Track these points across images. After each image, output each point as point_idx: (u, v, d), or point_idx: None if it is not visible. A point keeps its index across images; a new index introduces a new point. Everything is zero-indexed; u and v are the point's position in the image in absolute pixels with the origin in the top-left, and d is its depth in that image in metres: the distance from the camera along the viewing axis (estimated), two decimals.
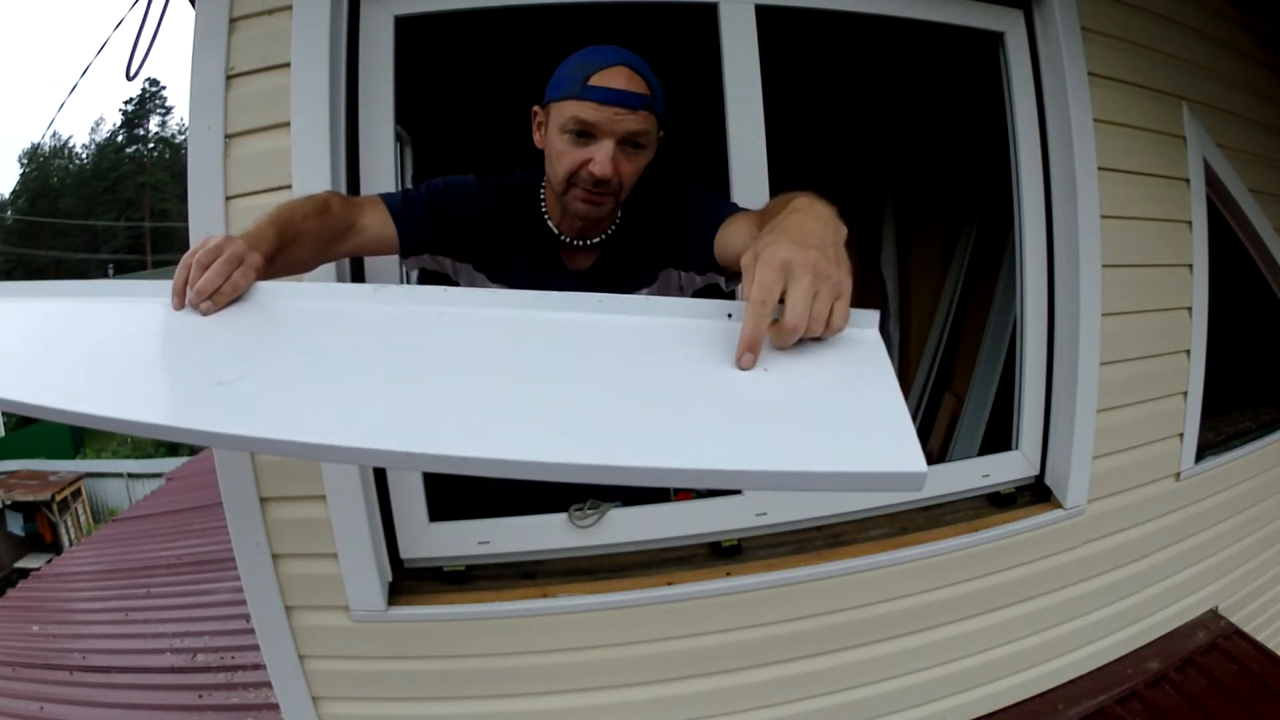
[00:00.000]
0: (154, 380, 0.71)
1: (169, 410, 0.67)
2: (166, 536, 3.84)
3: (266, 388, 0.68)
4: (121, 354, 0.75)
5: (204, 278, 0.75)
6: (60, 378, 0.73)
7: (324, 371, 0.70)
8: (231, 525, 1.25)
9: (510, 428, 0.61)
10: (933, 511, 1.53)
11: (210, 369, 0.70)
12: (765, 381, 0.65)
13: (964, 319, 2.90)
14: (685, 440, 0.60)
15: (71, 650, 2.56)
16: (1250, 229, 1.92)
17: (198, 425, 0.64)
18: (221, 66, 1.18)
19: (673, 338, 0.71)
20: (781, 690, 1.43)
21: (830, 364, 0.66)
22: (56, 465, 12.13)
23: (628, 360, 0.70)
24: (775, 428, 0.60)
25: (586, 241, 1.12)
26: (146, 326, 0.78)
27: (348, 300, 0.79)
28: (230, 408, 0.65)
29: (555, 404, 0.64)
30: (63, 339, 0.79)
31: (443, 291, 0.77)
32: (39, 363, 0.76)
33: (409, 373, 0.69)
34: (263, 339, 0.75)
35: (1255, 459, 1.96)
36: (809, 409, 0.62)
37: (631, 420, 0.62)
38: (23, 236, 32.72)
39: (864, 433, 0.60)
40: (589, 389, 0.66)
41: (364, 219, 1.03)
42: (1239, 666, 1.73)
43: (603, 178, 0.97)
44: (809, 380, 0.65)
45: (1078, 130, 1.45)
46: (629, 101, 0.95)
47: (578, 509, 1.35)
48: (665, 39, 1.32)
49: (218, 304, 0.76)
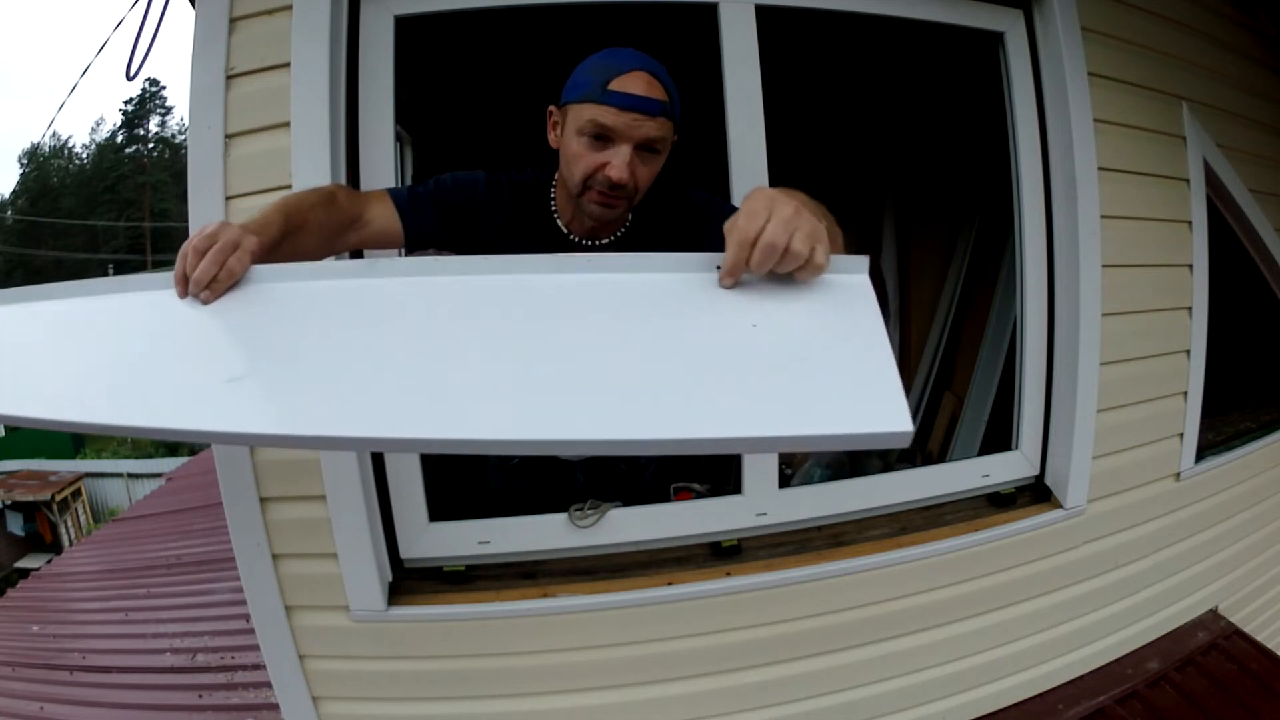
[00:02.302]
0: (166, 382, 0.71)
1: (186, 413, 0.67)
2: (166, 536, 3.84)
3: (277, 380, 0.68)
4: (128, 356, 0.75)
5: (200, 267, 0.75)
6: (72, 388, 0.73)
7: (330, 358, 0.70)
8: (231, 525, 1.25)
9: (516, 405, 0.62)
10: (933, 511, 1.53)
11: (218, 364, 0.70)
12: (758, 340, 0.65)
13: (964, 319, 2.90)
14: (680, 410, 0.60)
15: (71, 650, 2.56)
16: (1250, 229, 1.92)
17: (217, 426, 0.65)
18: (221, 66, 1.18)
19: (664, 293, 0.71)
20: (781, 690, 1.43)
21: (820, 316, 0.67)
22: (56, 465, 12.14)
23: (622, 323, 0.70)
24: (767, 392, 0.61)
25: (595, 242, 1.12)
26: (149, 323, 0.77)
27: (345, 277, 0.79)
28: (244, 404, 0.65)
29: (553, 378, 0.64)
30: (66, 345, 0.79)
31: (434, 262, 0.77)
32: (48, 373, 0.76)
33: (410, 351, 0.69)
34: (265, 326, 0.74)
35: (1255, 459, 1.96)
36: (800, 369, 0.62)
37: (631, 391, 0.62)
38: (23, 236, 32.71)
39: (852, 392, 0.60)
40: (582, 359, 0.66)
41: (370, 212, 1.04)
42: (1239, 666, 1.73)
43: (619, 182, 0.98)
44: (800, 336, 0.65)
45: (1078, 130, 1.45)
46: (648, 108, 0.96)
47: (578, 509, 1.35)
48: (665, 39, 1.32)
49: (215, 292, 0.77)
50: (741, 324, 0.66)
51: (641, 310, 0.70)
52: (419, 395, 0.64)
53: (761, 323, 0.66)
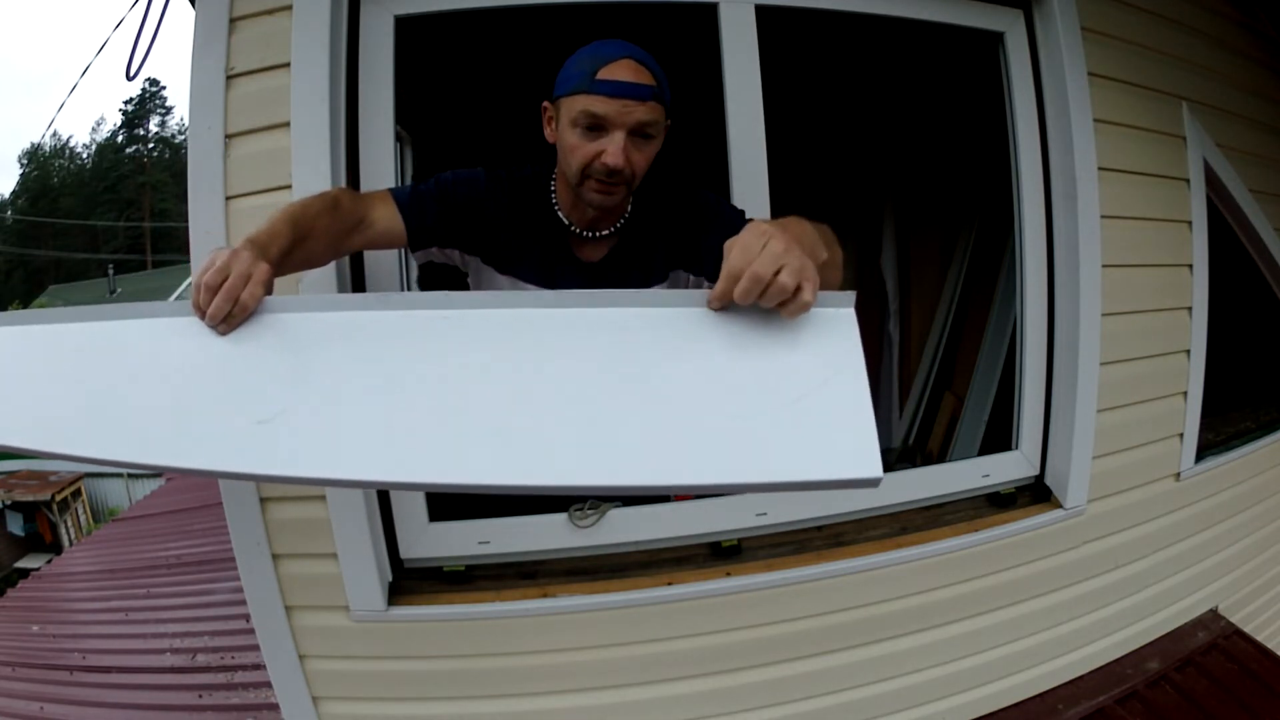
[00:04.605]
0: (196, 421, 0.74)
1: (225, 455, 0.71)
2: (166, 536, 3.84)
3: (308, 420, 0.72)
4: (152, 389, 0.76)
5: (214, 304, 0.77)
6: (101, 423, 0.74)
7: (353, 396, 0.74)
8: (231, 525, 1.25)
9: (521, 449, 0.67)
10: (933, 511, 1.53)
11: (246, 404, 0.73)
12: (741, 376, 0.69)
13: (964, 319, 2.90)
14: (661, 454, 0.65)
15: (71, 650, 2.56)
16: (1250, 229, 1.92)
17: (262, 470, 0.69)
18: (221, 66, 1.18)
19: (660, 329, 0.75)
20: (781, 690, 1.43)
21: (804, 350, 0.70)
22: (56, 465, 12.10)
23: (611, 358, 0.74)
24: (745, 435, 0.65)
25: (597, 233, 1.14)
26: (167, 354, 0.78)
27: (357, 309, 0.81)
28: (284, 446, 0.70)
29: (554, 418, 0.69)
30: (89, 374, 0.79)
31: (444, 296, 0.80)
32: (75, 403, 0.76)
33: (428, 390, 0.74)
34: (286, 362, 0.77)
35: (1255, 459, 1.96)
36: (778, 410, 0.67)
37: (626, 435, 0.67)
38: (23, 236, 32.73)
39: (828, 436, 0.64)
40: (574, 397, 0.70)
41: (374, 214, 1.06)
42: (1239, 666, 1.73)
43: (616, 168, 0.99)
44: (783, 372, 0.69)
45: (1078, 130, 1.45)
46: (637, 93, 0.98)
47: (578, 509, 1.35)
48: (665, 39, 1.32)
49: (231, 326, 0.78)
50: (727, 358, 0.70)
51: (632, 346, 0.74)
52: (423, 438, 0.70)
53: (746, 357, 0.70)
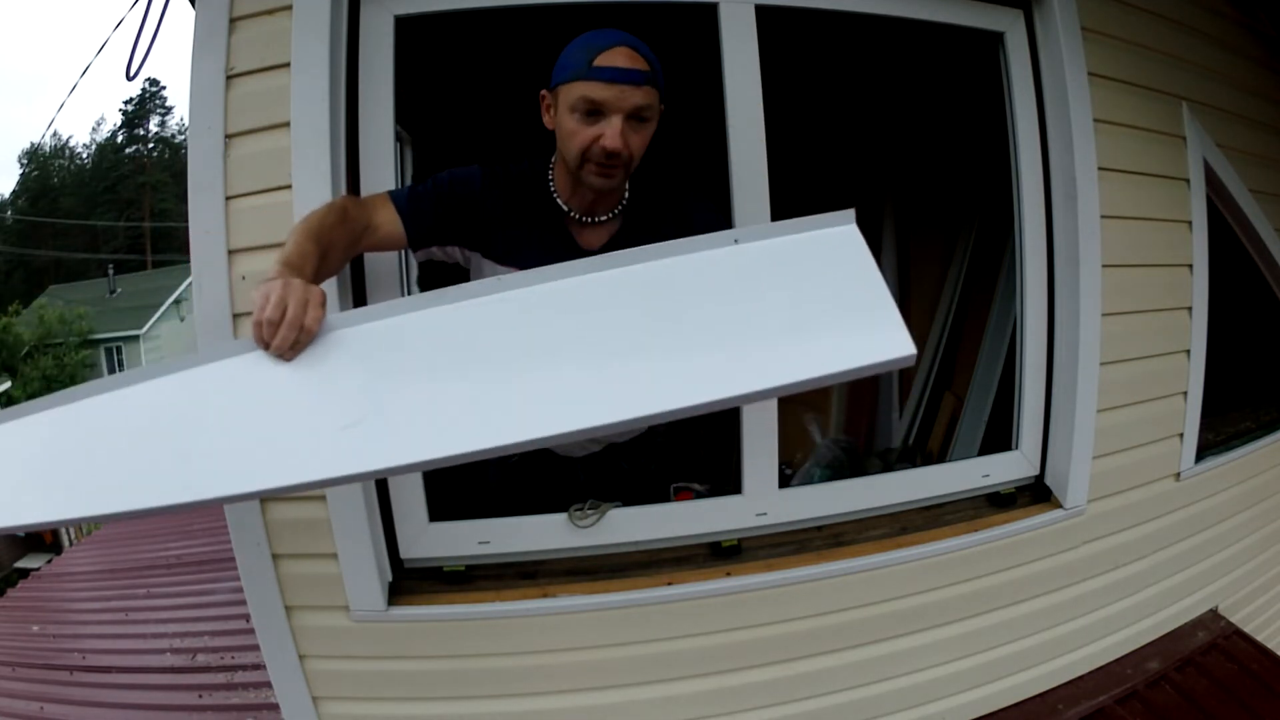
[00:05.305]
0: (292, 441, 0.77)
1: (334, 462, 0.75)
2: (166, 536, 3.83)
3: (391, 417, 0.77)
4: (238, 424, 0.79)
5: (280, 335, 0.80)
6: (199, 467, 0.76)
7: (433, 383, 0.80)
8: (231, 525, 1.25)
9: (607, 392, 0.75)
10: (933, 511, 1.53)
11: (328, 415, 0.78)
12: (776, 298, 0.78)
13: (964, 319, 2.89)
14: (729, 372, 0.73)
15: (71, 650, 2.56)
16: (1250, 229, 1.92)
17: (365, 468, 0.75)
18: (221, 66, 1.18)
19: (692, 273, 0.83)
20: (781, 690, 1.43)
21: (820, 265, 0.79)
22: None
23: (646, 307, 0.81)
24: (794, 343, 0.74)
25: (596, 218, 1.17)
26: (246, 391, 0.81)
27: (403, 311, 0.86)
28: (379, 442, 0.75)
29: (622, 364, 0.77)
30: (173, 427, 0.80)
31: (494, 282, 0.86)
32: (170, 454, 0.78)
33: (502, 363, 0.81)
34: (355, 371, 0.82)
35: (1255, 459, 1.96)
36: (808, 316, 0.76)
37: (694, 363, 0.75)
38: (23, 236, 32.69)
39: (863, 330, 0.73)
40: (642, 345, 0.78)
41: (376, 218, 1.09)
42: (1239, 666, 1.73)
43: (614, 150, 1.03)
44: (806, 287, 0.78)
45: (1078, 130, 1.45)
46: (633, 78, 1.02)
47: (578, 509, 1.35)
48: (665, 39, 1.32)
49: (297, 352, 0.82)
50: (756, 285, 0.78)
51: (661, 292, 0.81)
52: (512, 405, 0.76)
53: (773, 281, 0.78)
